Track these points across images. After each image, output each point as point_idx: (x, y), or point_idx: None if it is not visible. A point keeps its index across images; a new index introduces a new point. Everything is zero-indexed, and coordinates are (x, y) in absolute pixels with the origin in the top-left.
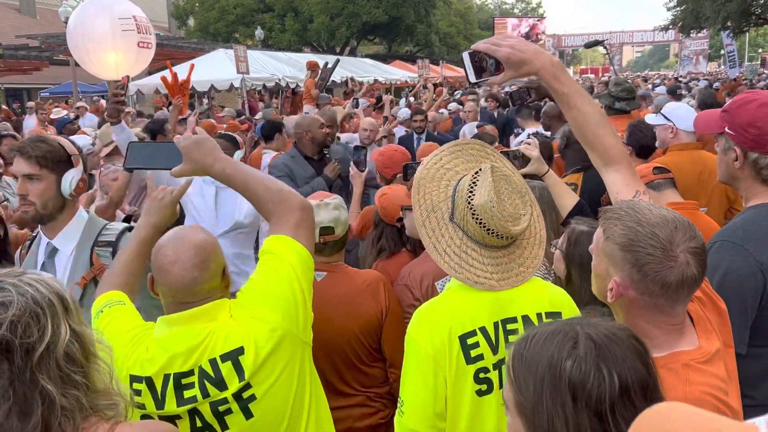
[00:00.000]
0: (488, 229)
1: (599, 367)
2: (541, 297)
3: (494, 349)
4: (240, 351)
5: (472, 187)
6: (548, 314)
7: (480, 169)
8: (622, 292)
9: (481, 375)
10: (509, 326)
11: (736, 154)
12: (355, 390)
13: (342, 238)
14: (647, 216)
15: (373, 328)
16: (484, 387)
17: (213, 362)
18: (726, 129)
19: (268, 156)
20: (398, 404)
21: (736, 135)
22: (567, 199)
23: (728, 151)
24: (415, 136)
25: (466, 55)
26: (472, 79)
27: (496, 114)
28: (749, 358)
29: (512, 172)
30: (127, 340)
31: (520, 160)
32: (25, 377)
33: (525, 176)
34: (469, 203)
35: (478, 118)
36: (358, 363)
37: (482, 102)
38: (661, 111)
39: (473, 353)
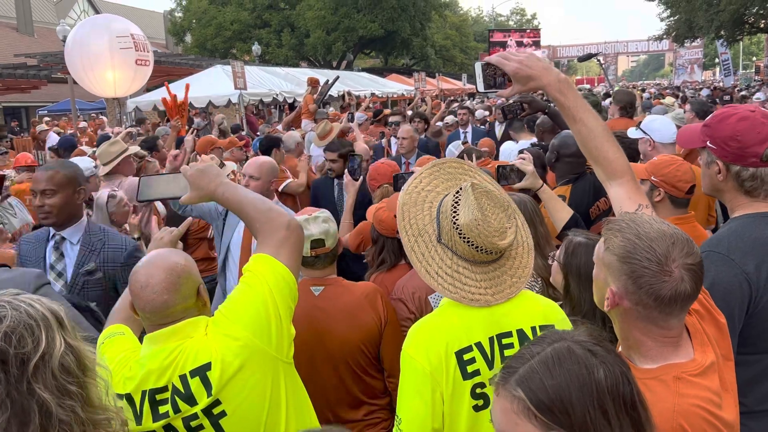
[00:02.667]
0: (476, 247)
1: (620, 365)
2: (535, 310)
3: (490, 365)
4: (207, 366)
5: (455, 207)
6: (542, 327)
7: (461, 188)
8: (618, 301)
9: (478, 390)
10: (504, 341)
11: (718, 167)
12: (360, 401)
13: (333, 250)
14: (646, 229)
15: (374, 337)
16: (480, 402)
17: (183, 378)
18: (708, 143)
19: None
20: (395, 422)
21: (718, 149)
22: (562, 212)
23: (711, 164)
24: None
25: (478, 66)
26: (481, 89)
27: (425, 137)
28: (738, 366)
29: (493, 186)
30: (116, 362)
31: (516, 174)
32: (22, 387)
33: (521, 190)
34: (454, 223)
35: (416, 146)
36: (362, 373)
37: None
38: (640, 124)
39: (470, 369)
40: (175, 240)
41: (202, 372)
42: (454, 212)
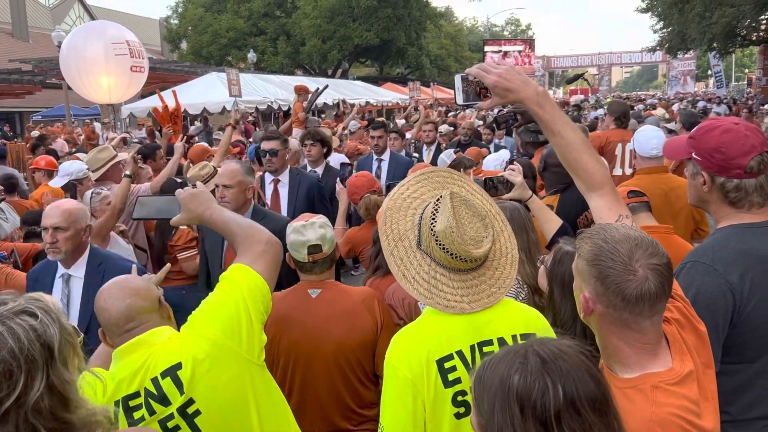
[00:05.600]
0: (451, 254)
1: (544, 378)
2: (517, 319)
3: (471, 373)
4: (178, 366)
5: (434, 214)
6: (523, 336)
7: (441, 197)
8: (592, 306)
9: (459, 398)
10: (485, 349)
11: (703, 179)
12: (351, 410)
13: (331, 255)
14: (612, 234)
15: (370, 342)
16: (462, 410)
17: (155, 380)
18: (693, 155)
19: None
20: (378, 429)
21: (703, 160)
22: (551, 222)
23: (696, 175)
24: None
25: (458, 78)
26: (460, 101)
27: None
28: (723, 375)
29: (474, 196)
30: (85, 384)
31: (504, 185)
32: None
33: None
34: (432, 230)
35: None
36: (355, 381)
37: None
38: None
39: (451, 377)
40: (156, 284)
41: (173, 372)
42: (433, 219)
